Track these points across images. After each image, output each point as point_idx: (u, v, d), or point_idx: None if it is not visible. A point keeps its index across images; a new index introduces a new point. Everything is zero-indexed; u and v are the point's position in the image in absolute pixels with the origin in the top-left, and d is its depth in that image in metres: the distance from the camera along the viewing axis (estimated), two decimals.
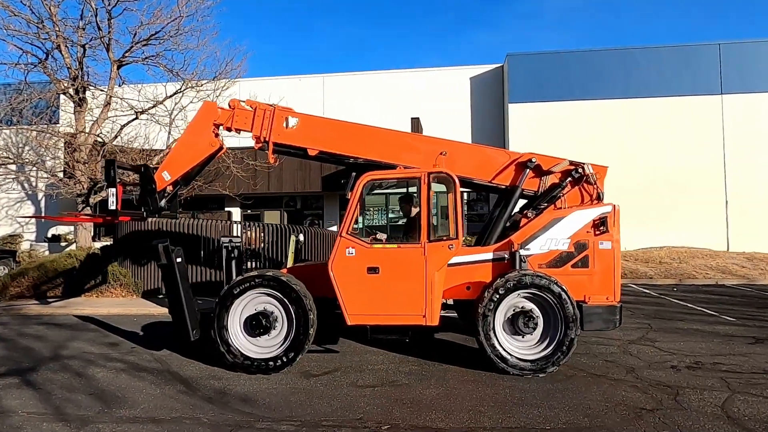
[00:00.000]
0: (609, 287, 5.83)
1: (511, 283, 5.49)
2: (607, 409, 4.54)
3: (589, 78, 19.71)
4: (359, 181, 5.84)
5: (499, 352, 5.52)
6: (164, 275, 5.99)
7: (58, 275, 11.56)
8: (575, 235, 5.87)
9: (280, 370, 5.65)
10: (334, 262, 5.73)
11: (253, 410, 4.61)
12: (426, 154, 6.27)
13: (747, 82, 18.90)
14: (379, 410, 4.57)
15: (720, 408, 4.55)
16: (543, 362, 5.49)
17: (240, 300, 5.76)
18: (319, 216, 22.35)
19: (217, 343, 5.71)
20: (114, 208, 6.06)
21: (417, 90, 21.65)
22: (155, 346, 7.13)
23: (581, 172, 6.03)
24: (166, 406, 4.72)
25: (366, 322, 5.78)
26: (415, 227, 5.99)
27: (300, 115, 6.58)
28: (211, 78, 14.89)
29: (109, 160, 6.29)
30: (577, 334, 5.47)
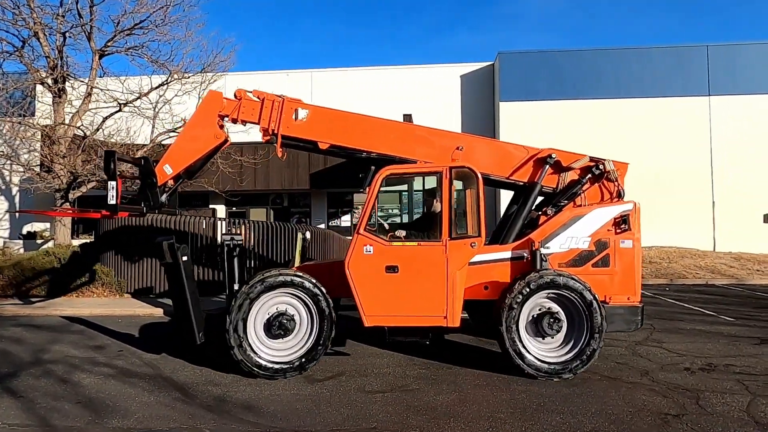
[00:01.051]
0: (630, 287, 5.66)
1: (545, 280, 5.27)
2: (631, 415, 4.35)
3: (580, 77, 19.71)
4: (377, 176, 5.59)
5: (518, 347, 5.29)
6: (169, 274, 5.68)
7: (37, 274, 11.00)
8: (596, 233, 5.69)
9: (297, 374, 5.39)
10: (351, 260, 5.46)
11: (258, 419, 4.29)
12: (441, 149, 6.04)
13: (734, 84, 19.10)
14: (393, 418, 4.29)
15: (746, 413, 4.40)
16: (561, 366, 5.29)
17: (260, 301, 5.42)
18: (306, 214, 21.96)
19: (235, 348, 5.29)
20: (114, 203, 5.69)
21: (407, 87, 21.40)
22: (144, 348, 6.74)
23: (602, 169, 5.84)
24: (162, 416, 4.37)
25: (384, 323, 5.53)
26: (435, 224, 5.73)
27: (310, 106, 6.25)
28: (199, 70, 14.41)
29: (108, 152, 5.90)
30: (600, 345, 5.27)
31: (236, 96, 6.16)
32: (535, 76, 19.93)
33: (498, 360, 6.01)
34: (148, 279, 11.04)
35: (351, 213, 21.98)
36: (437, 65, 22.00)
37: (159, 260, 5.71)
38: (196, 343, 5.60)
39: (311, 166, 19.58)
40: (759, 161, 18.58)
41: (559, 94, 19.59)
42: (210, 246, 11.21)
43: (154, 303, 10.14)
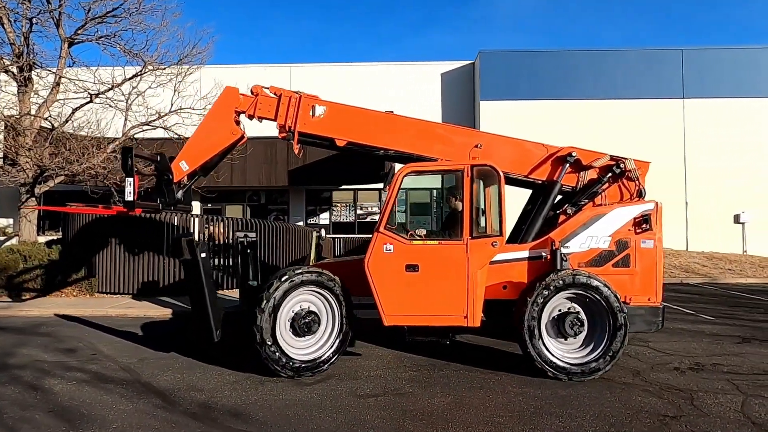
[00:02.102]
0: (651, 287, 5.60)
1: (567, 280, 5.19)
2: (630, 417, 4.28)
3: (559, 78, 19.88)
4: (398, 173, 5.50)
5: (539, 347, 5.21)
6: (187, 272, 5.62)
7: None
8: (616, 233, 5.63)
9: (318, 373, 5.36)
10: (370, 258, 5.39)
11: (248, 427, 4.06)
12: (459, 147, 5.95)
13: (707, 88, 19.56)
14: (389, 424, 4.12)
15: (741, 413, 4.39)
16: (582, 367, 5.22)
17: (287, 299, 5.32)
18: (284, 211, 21.57)
19: (262, 346, 5.14)
20: (131, 200, 5.61)
21: (388, 84, 21.23)
22: (119, 351, 6.40)
23: (622, 168, 5.78)
24: (143, 424, 4.10)
25: (403, 322, 5.48)
26: (455, 222, 5.65)
27: (328, 103, 6.10)
28: (175, 62, 13.90)
29: (126, 148, 5.80)
30: (623, 346, 5.20)
31: (252, 92, 6.05)
32: (515, 75, 20.02)
33: (489, 359, 5.93)
34: (121, 277, 10.60)
35: (330, 210, 21.70)
36: (418, 63, 21.89)
37: (177, 257, 5.67)
38: (214, 341, 5.53)
39: (289, 162, 19.21)
40: (730, 163, 19.09)
41: (539, 94, 19.73)
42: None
43: (128, 303, 9.72)
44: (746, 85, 19.53)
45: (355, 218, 21.54)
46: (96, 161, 12.72)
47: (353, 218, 21.56)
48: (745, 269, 16.05)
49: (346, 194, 21.60)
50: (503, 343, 6.76)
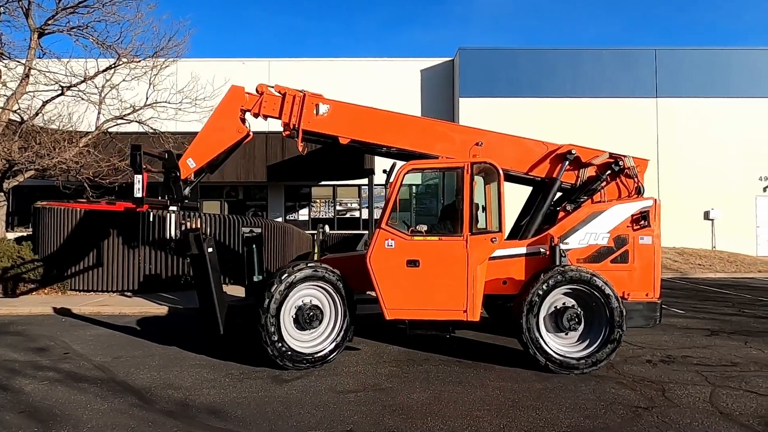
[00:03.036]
0: (649, 283, 5.72)
1: (566, 276, 5.28)
2: (604, 409, 4.39)
3: (537, 76, 20.12)
4: (400, 170, 5.62)
5: (537, 341, 5.32)
6: (194, 266, 5.74)
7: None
8: (615, 229, 5.73)
9: (320, 366, 5.48)
10: (372, 254, 5.50)
11: (226, 424, 4.03)
12: (461, 144, 6.05)
13: (679, 87, 20.04)
14: (368, 419, 4.14)
15: (709, 404, 4.54)
16: (579, 361, 5.32)
17: (292, 294, 5.45)
18: (263, 207, 21.38)
19: (267, 339, 5.28)
20: (140, 196, 5.88)
21: (367, 79, 21.17)
22: (93, 350, 6.28)
23: (621, 165, 5.87)
24: (119, 424, 4.03)
25: (405, 316, 5.58)
26: (456, 218, 5.74)
27: (331, 101, 6.19)
28: (150, 54, 13.61)
29: (135, 146, 5.98)
30: (620, 341, 5.30)
31: (258, 91, 6.16)
32: (494, 73, 20.19)
33: (469, 353, 6.00)
34: (95, 275, 10.38)
35: (309, 207, 21.59)
36: (398, 59, 21.88)
37: (185, 251, 5.80)
38: (220, 333, 5.63)
39: (268, 157, 19.02)
40: (701, 161, 19.61)
41: (518, 91, 19.93)
42: (161, 239, 10.64)
43: (102, 300, 9.53)
44: (716, 85, 20.07)
45: (334, 214, 21.48)
46: (68, 155, 12.39)
47: (332, 214, 21.51)
48: (714, 264, 16.54)
49: (326, 190, 21.52)
50: (488, 336, 6.85)
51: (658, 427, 4.01)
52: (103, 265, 10.38)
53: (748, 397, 4.68)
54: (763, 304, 10.27)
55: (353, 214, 21.69)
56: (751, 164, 19.78)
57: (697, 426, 4.04)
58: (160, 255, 10.63)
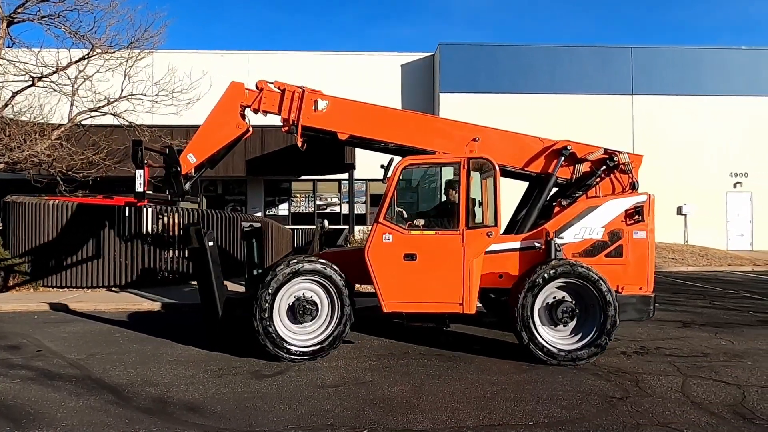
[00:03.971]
0: (643, 277, 5.82)
1: (561, 269, 5.36)
2: (580, 400, 4.48)
3: (517, 72, 20.28)
4: (397, 166, 5.68)
5: (532, 333, 5.41)
6: (195, 259, 5.82)
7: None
8: (610, 224, 5.81)
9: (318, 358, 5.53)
10: (370, 248, 5.58)
11: (204, 420, 4.00)
12: (458, 140, 6.10)
13: (654, 85, 20.45)
14: (349, 413, 4.15)
15: (681, 393, 4.67)
16: (572, 354, 5.42)
17: (286, 287, 5.51)
18: (242, 202, 21.15)
19: (261, 331, 5.37)
20: (141, 190, 6.04)
21: (347, 74, 21.05)
22: (67, 347, 6.15)
23: (616, 161, 5.95)
24: (95, 422, 3.96)
25: (402, 309, 5.67)
26: (452, 213, 5.81)
27: (330, 97, 6.27)
28: (125, 45, 13.29)
29: (136, 141, 6.10)
30: (613, 334, 5.40)
31: (257, 87, 6.25)
32: (474, 68, 20.28)
33: (447, 347, 6.06)
34: (69, 271, 10.15)
35: (289, 201, 21.45)
36: (378, 53, 21.82)
37: (186, 245, 5.88)
38: (220, 326, 5.78)
39: (247, 152, 18.78)
40: (674, 157, 20.05)
41: (497, 87, 20.06)
42: (137, 234, 10.47)
43: (77, 297, 9.32)
44: (689, 83, 20.54)
45: (314, 209, 21.38)
46: (39, 148, 12.06)
47: (313, 209, 21.40)
48: (686, 258, 16.98)
49: (306, 185, 21.40)
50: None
51: (632, 417, 4.11)
52: (77, 261, 10.15)
53: (717, 387, 4.83)
54: (732, 296, 10.60)
55: (333, 209, 21.62)
56: (722, 161, 20.33)
57: (669, 415, 4.15)
58: (137, 250, 10.44)
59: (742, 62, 20.73)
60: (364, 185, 21.44)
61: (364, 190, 21.51)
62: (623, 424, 3.95)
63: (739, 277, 13.95)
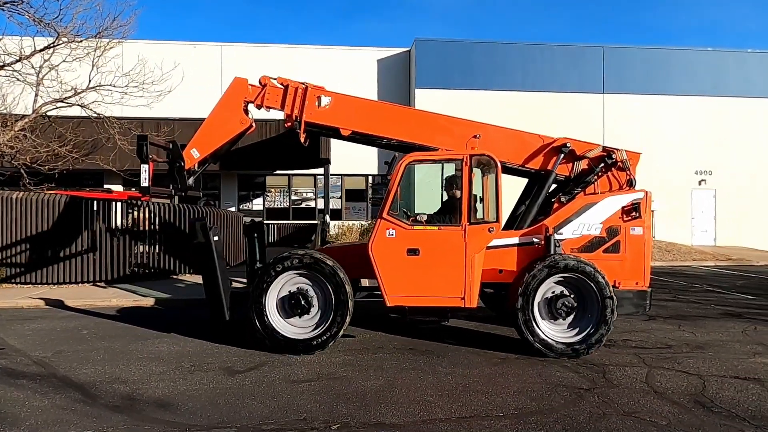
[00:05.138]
0: (639, 272, 5.94)
1: (562, 264, 5.48)
2: (549, 391, 4.58)
3: (491, 69, 20.46)
4: (401, 162, 5.79)
5: (532, 327, 5.52)
6: (200, 254, 5.86)
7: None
8: (607, 220, 5.92)
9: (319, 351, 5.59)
10: (374, 243, 5.65)
11: (176, 417, 3.95)
12: (459, 137, 6.17)
13: (624, 83, 20.92)
14: (322, 408, 4.16)
15: (646, 383, 4.82)
16: (571, 347, 5.54)
17: (282, 280, 5.62)
18: (215, 196, 20.80)
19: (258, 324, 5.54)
20: (146, 185, 6.11)
21: (322, 68, 20.89)
22: (31, 344, 5.98)
23: (614, 158, 6.06)
24: (61, 420, 3.87)
25: (405, 303, 5.77)
26: (454, 209, 5.88)
27: (333, 94, 6.33)
28: (93, 34, 12.90)
29: (141, 135, 6.20)
30: (611, 328, 5.53)
31: (260, 82, 6.28)
32: (449, 64, 20.38)
33: (419, 340, 6.11)
34: (34, 266, 9.84)
35: (263, 196, 21.22)
36: (354, 48, 21.72)
37: (191, 240, 5.89)
38: (225, 320, 5.80)
39: None
40: (643, 155, 20.43)
41: (472, 83, 20.21)
42: (107, 229, 10.22)
43: (43, 293, 9.05)
44: (657, 82, 21.07)
45: (289, 204, 21.22)
46: (2, 140, 11.65)
47: (287, 204, 21.24)
48: (653, 253, 17.46)
49: (281, 179, 21.21)
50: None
51: (598, 407, 4.23)
52: (43, 256, 9.86)
53: (680, 377, 5.01)
54: (696, 290, 10.98)
55: (309, 204, 21.50)
56: (689, 159, 20.95)
57: (633, 404, 4.28)
58: (106, 245, 10.20)
59: (707, 63, 21.38)
60: (340, 180, 21.38)
61: (340, 185, 21.45)
62: (590, 415, 4.06)
63: (703, 272, 14.45)
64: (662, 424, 3.89)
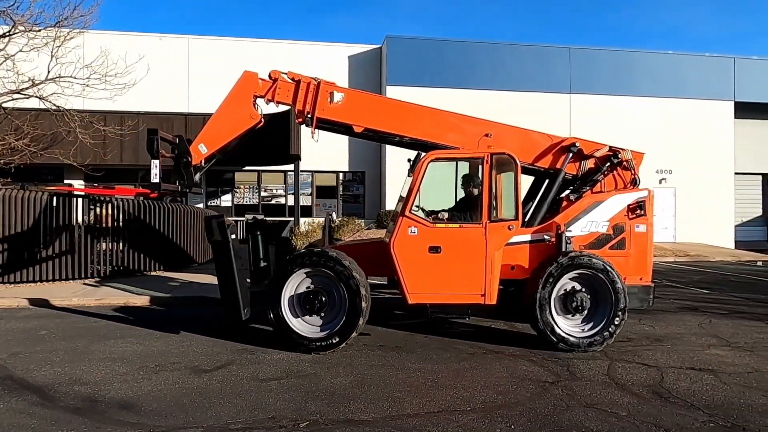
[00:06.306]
0: (643, 268, 6.10)
1: (578, 261, 5.61)
2: (515, 385, 4.68)
3: (462, 67, 20.66)
4: (423, 160, 5.81)
5: (550, 322, 5.64)
6: (216, 252, 5.73)
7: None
8: (614, 218, 6.07)
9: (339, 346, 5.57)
10: (396, 240, 5.69)
11: (139, 419, 3.86)
12: (471, 135, 6.22)
13: (590, 84, 21.47)
14: (291, 406, 4.14)
15: (607, 376, 4.97)
16: (587, 340, 5.69)
17: (297, 277, 5.61)
18: (182, 193, 20.36)
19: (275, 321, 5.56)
20: (157, 181, 6.04)
21: (292, 63, 20.50)
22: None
23: (620, 158, 6.18)
24: (18, 425, 3.73)
25: (426, 300, 5.80)
26: (473, 206, 5.94)
27: (345, 90, 6.33)
28: (52, 24, 12.41)
29: (152, 130, 5.93)
30: (623, 322, 5.67)
31: (271, 77, 6.21)
32: (420, 62, 20.47)
33: (392, 338, 6.14)
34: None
35: (232, 193, 20.89)
36: (325, 43, 21.59)
37: (207, 238, 5.73)
38: (242, 320, 5.74)
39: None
40: None
41: (443, 82, 20.35)
42: (64, 227, 9.88)
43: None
44: (622, 84, 21.71)
45: (259, 200, 20.95)
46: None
47: (257, 200, 20.97)
48: None
49: (250, 176, 20.93)
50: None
51: (562, 399, 4.34)
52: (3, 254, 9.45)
53: (639, 369, 5.18)
54: (656, 285, 11.32)
55: (279, 200, 21.29)
56: (650, 158, 21.41)
57: (595, 396, 4.42)
58: (66, 243, 9.85)
59: (668, 66, 22.13)
60: (310, 177, 21.24)
61: (310, 182, 21.32)
62: (554, 407, 4.17)
63: (663, 267, 14.96)
64: (622, 415, 4.03)
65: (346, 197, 21.90)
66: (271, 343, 5.88)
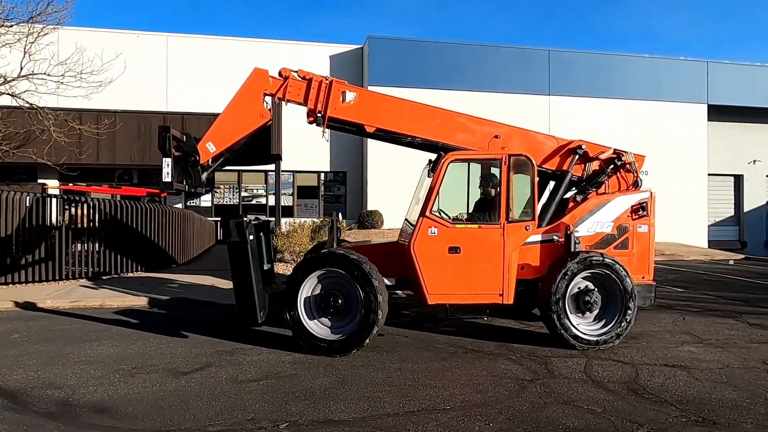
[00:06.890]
0: (645, 267, 6.23)
1: (593, 260, 5.70)
2: (494, 383, 4.73)
3: (443, 68, 20.77)
4: (443, 161, 5.87)
5: (564, 321, 5.73)
6: (233, 253, 5.62)
7: None
8: (618, 219, 6.19)
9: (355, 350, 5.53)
10: (416, 241, 5.73)
11: (115, 422, 3.80)
12: (481, 136, 6.30)
13: (569, 86, 21.79)
14: (271, 407, 4.11)
15: (584, 373, 5.06)
16: (599, 337, 5.79)
17: (313, 280, 5.60)
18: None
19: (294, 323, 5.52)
20: (169, 180, 5.77)
21: (273, 62, 20.41)
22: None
23: (623, 160, 6.30)
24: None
25: (446, 301, 5.85)
26: (490, 207, 6.02)
27: (358, 89, 6.32)
28: (25, 19, 12.11)
29: (163, 127, 5.80)
30: (633, 319, 5.80)
31: (281, 75, 6.14)
32: (402, 63, 20.53)
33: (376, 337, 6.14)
34: None
35: (212, 192, 20.64)
36: (307, 43, 21.50)
37: (225, 239, 5.61)
38: (258, 322, 5.65)
39: None
40: None
41: (424, 82, 20.43)
42: (38, 227, 9.65)
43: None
44: (600, 86, 22.10)
45: (239, 200, 20.76)
46: None
47: (237, 200, 20.77)
48: None
49: (230, 175, 20.72)
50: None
51: (540, 397, 4.40)
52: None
53: (615, 366, 5.28)
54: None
55: (260, 200, 21.12)
56: None
57: (572, 394, 4.49)
58: (40, 244, 9.63)
59: (645, 69, 22.60)
60: (291, 176, 21.13)
61: (291, 182, 21.20)
62: (532, 404, 4.23)
63: None
64: (598, 411, 4.10)
65: (328, 197, 21.84)
66: (252, 344, 5.84)
